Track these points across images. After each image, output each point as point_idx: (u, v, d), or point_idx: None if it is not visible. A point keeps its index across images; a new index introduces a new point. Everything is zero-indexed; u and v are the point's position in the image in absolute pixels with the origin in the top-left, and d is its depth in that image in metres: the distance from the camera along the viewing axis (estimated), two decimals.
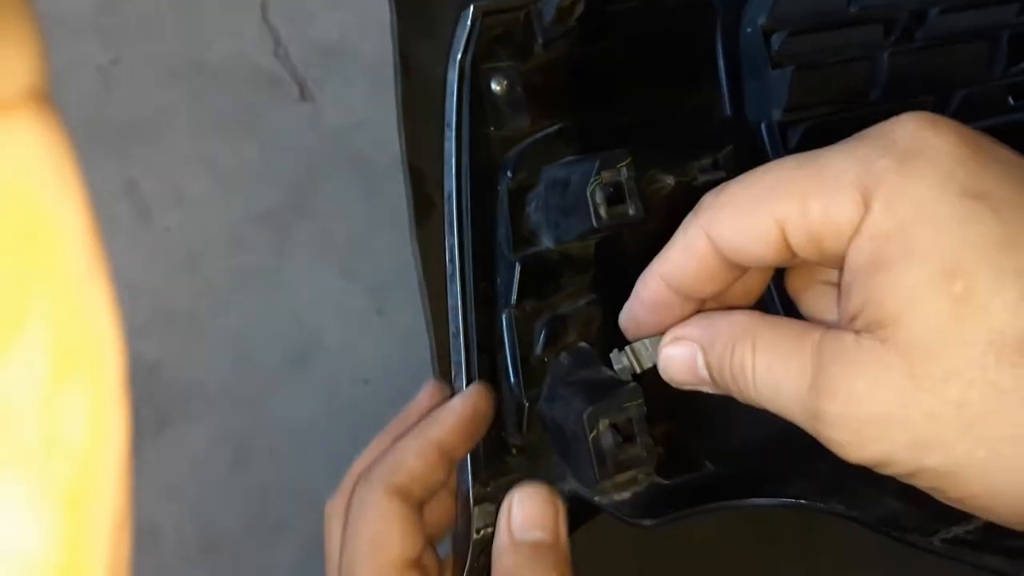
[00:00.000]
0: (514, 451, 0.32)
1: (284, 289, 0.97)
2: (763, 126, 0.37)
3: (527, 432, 0.32)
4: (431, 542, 0.30)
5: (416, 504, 0.29)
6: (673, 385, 0.28)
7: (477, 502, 0.31)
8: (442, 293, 0.33)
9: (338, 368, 0.94)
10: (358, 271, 0.98)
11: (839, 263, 0.23)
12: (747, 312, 0.26)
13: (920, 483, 0.21)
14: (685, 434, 0.35)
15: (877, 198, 0.21)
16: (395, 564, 0.27)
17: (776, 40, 0.35)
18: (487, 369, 0.32)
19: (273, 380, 0.91)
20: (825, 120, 0.36)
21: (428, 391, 0.32)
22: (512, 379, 0.32)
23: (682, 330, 0.27)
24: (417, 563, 0.28)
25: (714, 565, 0.42)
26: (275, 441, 0.90)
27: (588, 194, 0.29)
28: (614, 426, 0.29)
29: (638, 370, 0.30)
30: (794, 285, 0.27)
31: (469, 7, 0.30)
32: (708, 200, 0.25)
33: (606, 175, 0.29)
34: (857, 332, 0.22)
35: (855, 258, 0.22)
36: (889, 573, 0.38)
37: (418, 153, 0.35)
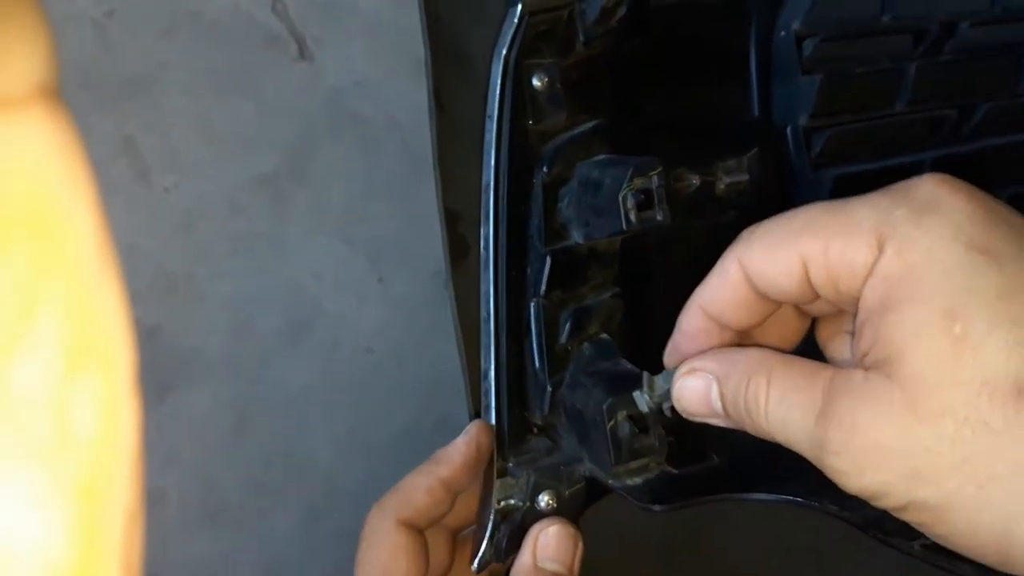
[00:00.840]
0: (535, 431, 0.34)
1: (283, 255, 0.97)
2: (789, 130, 0.38)
3: (548, 414, 0.34)
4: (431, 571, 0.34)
5: (421, 533, 0.33)
6: (685, 416, 0.29)
7: (499, 476, 0.33)
8: (477, 340, 0.34)
9: (338, 336, 0.95)
10: (357, 237, 0.98)
11: (854, 305, 0.24)
12: (763, 349, 0.27)
13: (910, 518, 0.23)
14: (695, 428, 0.37)
15: (891, 243, 0.23)
16: None
17: (808, 46, 0.36)
18: (514, 353, 0.33)
19: (273, 347, 0.92)
20: (851, 127, 0.37)
21: (467, 434, 0.34)
22: (537, 364, 0.33)
23: (698, 362, 0.28)
24: None
25: None
26: (275, 408, 0.91)
27: (620, 199, 0.30)
28: (630, 417, 0.31)
29: (652, 405, 0.31)
30: (822, 335, 0.29)
31: (516, 4, 0.31)
32: (746, 233, 0.27)
33: (638, 182, 0.30)
34: (866, 368, 0.23)
35: (868, 297, 0.24)
36: None
37: (453, 194, 0.36)
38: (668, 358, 0.30)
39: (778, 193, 0.40)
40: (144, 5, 1.02)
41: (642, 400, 0.31)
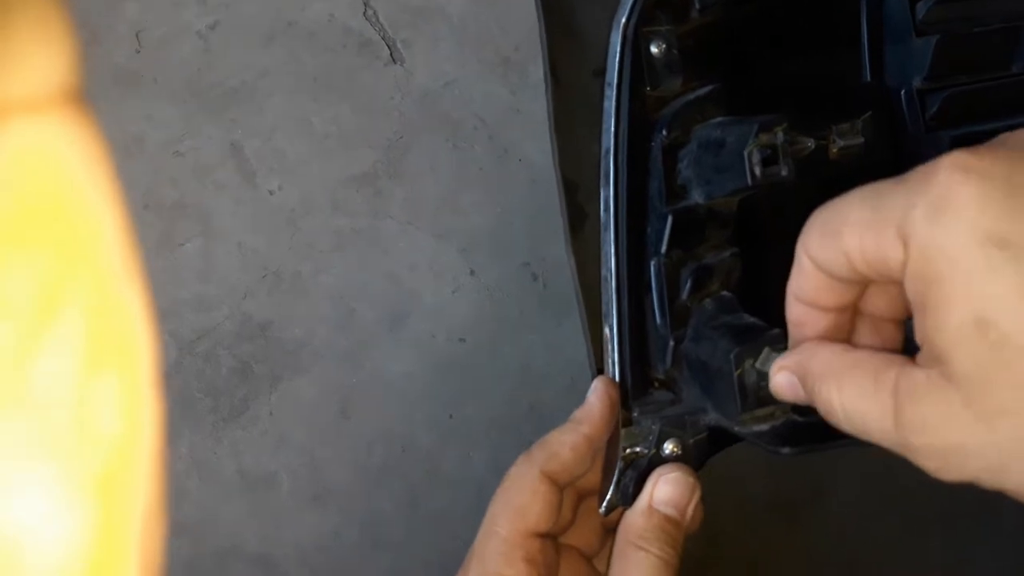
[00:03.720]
0: (656, 384, 0.35)
1: (381, 249, 1.01)
2: (903, 93, 0.38)
3: (671, 367, 0.35)
4: (556, 535, 0.35)
5: (560, 489, 0.34)
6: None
7: (625, 425, 0.35)
8: (598, 302, 0.35)
9: (434, 327, 0.98)
10: (449, 232, 1.01)
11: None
12: (835, 348, 0.28)
13: (1013, 497, 0.23)
14: None
15: (912, 246, 0.23)
16: (529, 531, 0.33)
17: (922, 7, 0.36)
18: (636, 310, 0.35)
19: (374, 337, 0.96)
20: (965, 90, 0.37)
21: (597, 391, 0.35)
22: (659, 320, 0.35)
23: (783, 360, 0.30)
24: (544, 538, 0.33)
25: None
26: (377, 395, 0.94)
27: (746, 154, 0.31)
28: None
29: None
30: None
31: None
32: (808, 221, 0.27)
33: (764, 137, 0.31)
34: (924, 366, 0.24)
35: (909, 292, 0.24)
36: None
37: (570, 164, 0.38)
38: (791, 346, 0.31)
39: (892, 156, 0.40)
40: (245, 17, 1.08)
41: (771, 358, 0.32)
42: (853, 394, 0.26)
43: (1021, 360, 0.21)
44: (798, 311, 0.29)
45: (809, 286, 0.28)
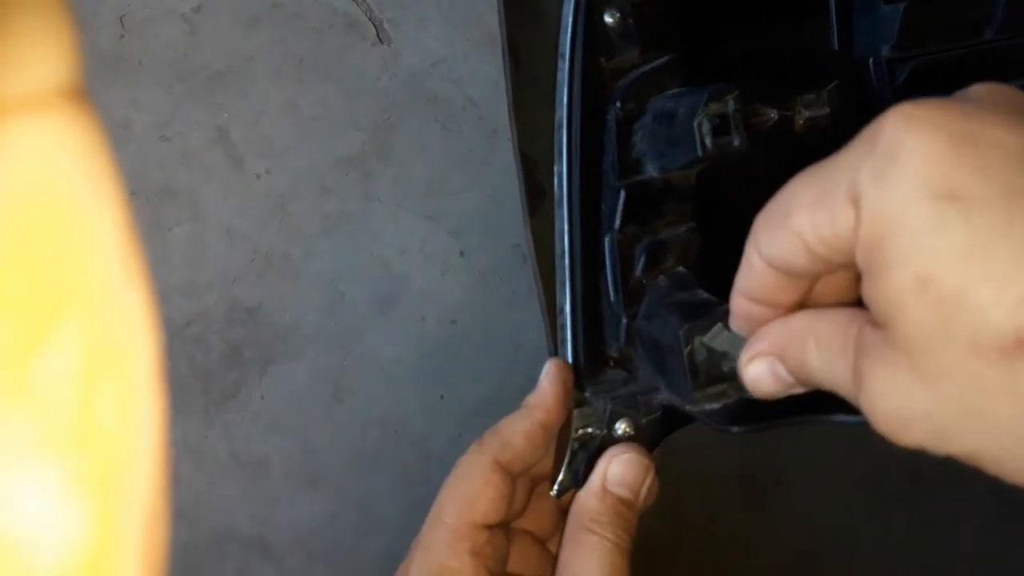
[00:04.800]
0: (611, 363, 0.35)
1: (370, 232, 1.00)
2: (871, 62, 0.37)
3: (624, 346, 0.34)
4: (507, 522, 0.34)
5: (513, 479, 0.33)
6: (769, 399, 0.29)
7: (577, 405, 0.34)
8: (553, 276, 0.34)
9: (425, 308, 0.97)
10: (439, 213, 1.01)
11: None
12: (800, 314, 0.26)
13: (963, 461, 0.22)
14: None
15: (863, 208, 0.22)
16: (476, 522, 0.32)
17: None
18: (590, 287, 0.34)
19: (364, 321, 0.96)
20: (936, 58, 0.36)
21: (550, 375, 0.34)
22: (612, 297, 0.34)
23: (754, 347, 0.28)
24: (492, 530, 0.32)
25: None
26: (369, 378, 0.94)
27: (695, 125, 0.30)
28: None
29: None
30: None
31: None
32: (756, 219, 0.26)
33: (713, 107, 0.30)
34: (876, 326, 0.23)
35: (859, 263, 0.23)
36: None
37: (529, 141, 0.37)
38: (732, 326, 0.30)
39: (860, 127, 0.39)
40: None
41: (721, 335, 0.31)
42: (824, 353, 0.25)
43: (961, 318, 0.20)
44: (746, 307, 0.28)
45: (758, 284, 0.27)
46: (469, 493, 0.32)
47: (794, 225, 0.24)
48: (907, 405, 0.22)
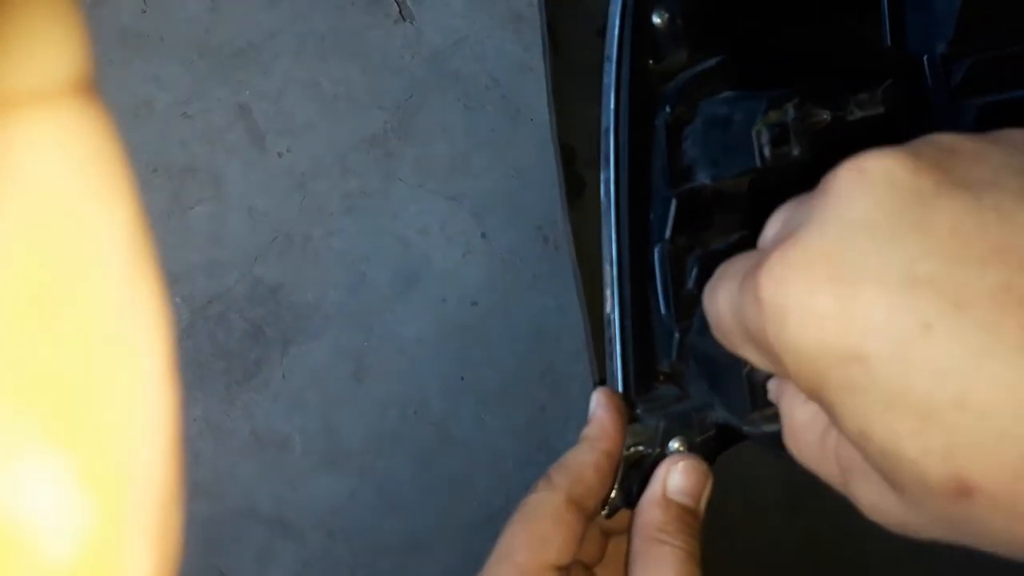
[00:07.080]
0: (662, 378, 0.33)
1: (392, 212, 1.00)
2: (926, 59, 0.35)
3: (676, 360, 0.33)
4: (581, 561, 0.33)
5: (586, 518, 0.32)
6: None
7: (629, 422, 0.33)
8: (596, 275, 0.33)
9: (446, 289, 0.97)
10: (460, 194, 1.00)
11: None
12: None
13: None
14: None
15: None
16: (549, 563, 0.31)
17: None
18: (639, 299, 0.33)
19: (385, 301, 0.95)
20: (993, 55, 0.35)
21: (603, 404, 0.33)
22: (663, 310, 0.33)
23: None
24: (564, 571, 0.31)
25: None
26: (390, 357, 0.94)
27: (754, 133, 0.29)
28: None
29: None
30: None
31: None
32: None
33: (773, 115, 0.29)
34: None
35: None
36: None
37: (568, 131, 0.35)
38: None
39: (915, 126, 0.38)
40: None
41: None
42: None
43: (904, 469, 0.20)
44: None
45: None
46: (542, 533, 0.31)
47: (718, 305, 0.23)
48: (888, 511, 0.21)
